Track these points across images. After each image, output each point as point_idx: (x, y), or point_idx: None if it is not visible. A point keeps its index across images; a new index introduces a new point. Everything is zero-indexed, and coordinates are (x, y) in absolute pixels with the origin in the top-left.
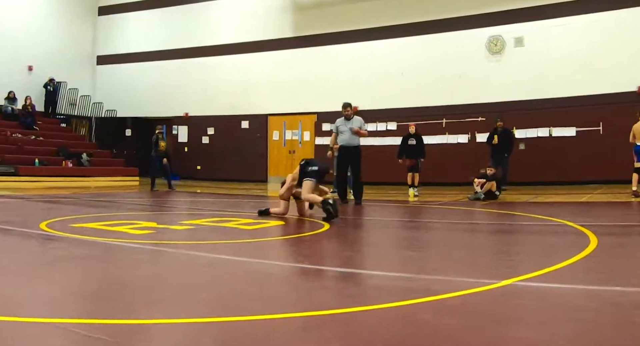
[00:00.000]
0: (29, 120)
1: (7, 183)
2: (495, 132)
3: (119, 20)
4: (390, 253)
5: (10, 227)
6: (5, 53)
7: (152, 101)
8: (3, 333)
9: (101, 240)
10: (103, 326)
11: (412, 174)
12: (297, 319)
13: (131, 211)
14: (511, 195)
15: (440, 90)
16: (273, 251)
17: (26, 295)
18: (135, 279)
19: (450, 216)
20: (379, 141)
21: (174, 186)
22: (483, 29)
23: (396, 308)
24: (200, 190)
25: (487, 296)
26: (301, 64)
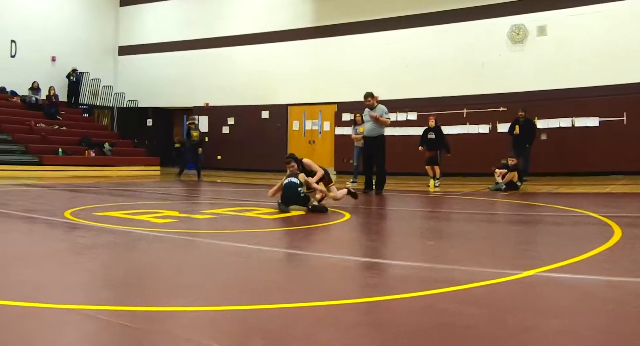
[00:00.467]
0: (53, 110)
1: (31, 173)
2: (517, 122)
3: (140, 10)
4: (411, 243)
5: (35, 215)
6: (30, 44)
7: (173, 91)
8: (30, 319)
9: (124, 228)
10: (127, 313)
11: (432, 166)
12: (320, 308)
13: (153, 200)
14: (533, 186)
15: (462, 79)
16: (294, 240)
17: (53, 282)
18: (158, 267)
19: (471, 206)
20: (400, 131)
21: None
22: (505, 17)
23: (419, 298)
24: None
25: (511, 287)
26: (321, 54)
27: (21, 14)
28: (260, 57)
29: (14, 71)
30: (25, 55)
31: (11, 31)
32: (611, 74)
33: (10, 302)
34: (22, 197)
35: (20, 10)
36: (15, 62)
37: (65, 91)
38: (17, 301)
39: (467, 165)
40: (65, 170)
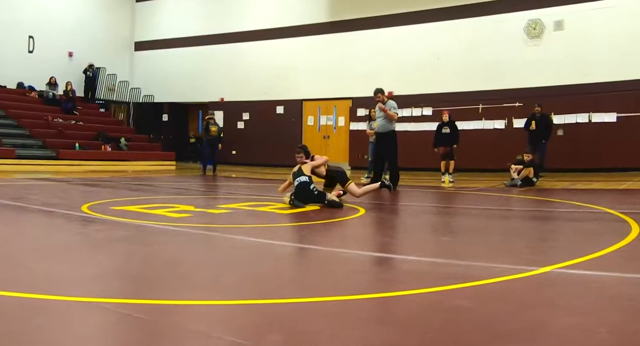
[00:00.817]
0: (70, 105)
1: (48, 167)
2: (533, 117)
3: (156, 6)
4: (425, 239)
5: (53, 209)
6: (47, 40)
7: (188, 86)
8: (48, 311)
9: (140, 222)
10: (142, 306)
11: (446, 162)
12: (334, 303)
13: (168, 194)
14: (549, 182)
15: (477, 75)
16: (309, 235)
17: (70, 274)
18: (174, 261)
19: (486, 202)
20: (414, 127)
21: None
22: (521, 12)
23: (433, 294)
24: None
25: (526, 283)
26: (336, 49)
27: (39, 10)
28: (276, 52)
29: (31, 67)
30: (42, 51)
31: (29, 27)
32: (629, 69)
33: (27, 295)
34: (40, 191)
35: (38, 6)
36: (33, 57)
37: (82, 86)
38: (34, 293)
39: (482, 161)
40: (81, 164)
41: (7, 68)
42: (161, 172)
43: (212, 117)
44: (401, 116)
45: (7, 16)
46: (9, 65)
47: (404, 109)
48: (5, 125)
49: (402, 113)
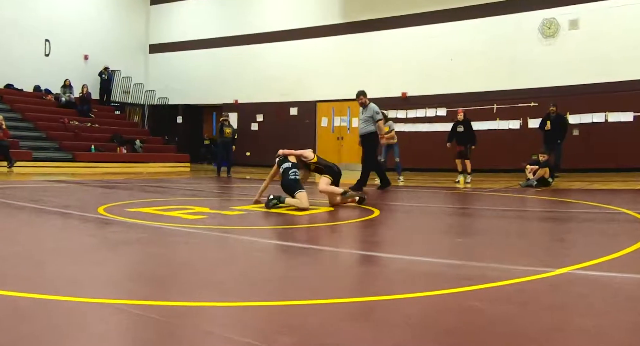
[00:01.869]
0: (85, 107)
1: (64, 169)
2: (548, 117)
3: (170, 9)
4: (441, 240)
5: (70, 211)
6: (63, 43)
7: (203, 88)
8: (66, 312)
9: (156, 224)
10: (157, 307)
11: (462, 161)
12: (349, 304)
13: (183, 196)
14: (564, 182)
15: (492, 75)
16: (324, 237)
17: (87, 276)
18: (189, 262)
19: (502, 203)
20: (428, 127)
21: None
22: (536, 11)
23: (449, 295)
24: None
25: (543, 285)
26: (350, 50)
27: (55, 13)
28: (289, 54)
29: (48, 70)
30: (58, 54)
31: (45, 31)
32: None
33: (45, 296)
34: (57, 193)
35: (54, 10)
36: (49, 61)
37: (98, 89)
38: (52, 294)
39: (497, 161)
40: (97, 166)
41: (24, 71)
42: (176, 173)
43: (226, 119)
44: (415, 117)
45: (24, 20)
46: (25, 69)
47: (418, 110)
48: (22, 128)
49: (417, 114)
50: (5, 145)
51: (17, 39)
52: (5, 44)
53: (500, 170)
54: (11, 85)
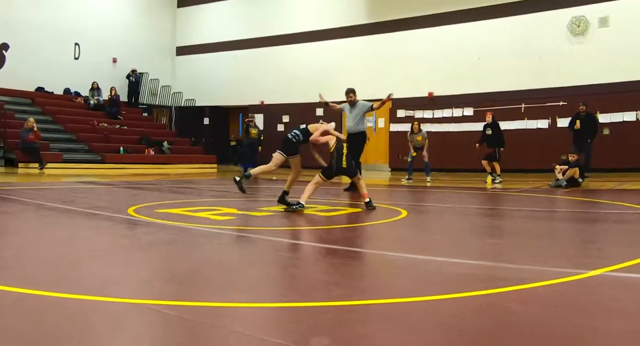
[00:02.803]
0: (114, 110)
1: (94, 171)
2: (578, 116)
3: (197, 11)
4: (471, 241)
5: (101, 211)
6: (92, 46)
7: (229, 90)
8: (99, 312)
9: (185, 225)
10: (190, 307)
11: (489, 162)
12: (380, 306)
13: (211, 197)
14: (595, 182)
15: (519, 74)
16: (352, 238)
17: (120, 276)
18: (218, 263)
19: (532, 204)
20: (455, 127)
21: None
22: (565, 9)
23: (482, 297)
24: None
25: (577, 287)
26: (376, 50)
27: (84, 18)
28: (315, 55)
29: (77, 73)
30: (88, 58)
31: (75, 34)
32: None
33: (79, 296)
34: (87, 194)
35: (84, 14)
36: (79, 64)
37: (126, 91)
38: (85, 294)
39: (526, 161)
40: (126, 167)
41: (54, 75)
42: (203, 174)
43: (252, 120)
44: (442, 117)
45: (54, 24)
46: (56, 72)
47: (445, 110)
48: (52, 130)
49: (443, 114)
50: (37, 147)
51: (47, 43)
52: (36, 48)
53: (528, 170)
54: (42, 88)
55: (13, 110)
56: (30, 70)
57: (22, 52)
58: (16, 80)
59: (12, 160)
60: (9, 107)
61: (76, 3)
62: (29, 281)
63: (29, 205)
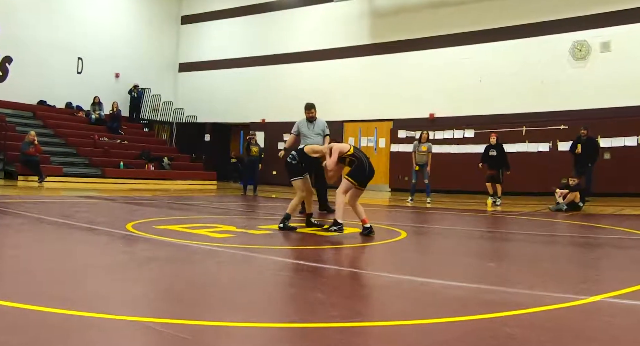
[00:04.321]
0: (115, 124)
1: (93, 185)
2: (579, 140)
3: (200, 29)
4: (471, 264)
5: (99, 227)
6: (95, 61)
7: (231, 107)
8: (95, 330)
9: (184, 242)
10: (187, 326)
11: (492, 184)
12: (379, 328)
13: (210, 214)
14: (595, 207)
15: (521, 97)
16: (351, 258)
17: (116, 293)
18: (216, 281)
19: (531, 227)
20: (456, 149)
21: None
22: (567, 33)
23: (481, 321)
24: (276, 195)
25: (577, 312)
26: (377, 71)
27: (88, 33)
28: (317, 74)
29: (79, 87)
30: (90, 72)
31: (78, 49)
32: None
33: (75, 312)
34: (86, 209)
35: (88, 29)
36: (81, 78)
37: (127, 106)
38: (81, 311)
39: (526, 184)
40: (125, 182)
41: (56, 88)
42: (202, 191)
43: (253, 138)
44: (443, 138)
45: (58, 39)
46: (58, 86)
47: (446, 131)
48: (53, 143)
49: (444, 136)
50: (37, 160)
51: (50, 57)
52: (39, 61)
53: (529, 193)
54: (44, 101)
55: (14, 123)
56: (32, 83)
57: (25, 65)
58: (18, 93)
59: (12, 172)
60: (10, 119)
61: (80, 18)
62: (24, 296)
63: (28, 218)
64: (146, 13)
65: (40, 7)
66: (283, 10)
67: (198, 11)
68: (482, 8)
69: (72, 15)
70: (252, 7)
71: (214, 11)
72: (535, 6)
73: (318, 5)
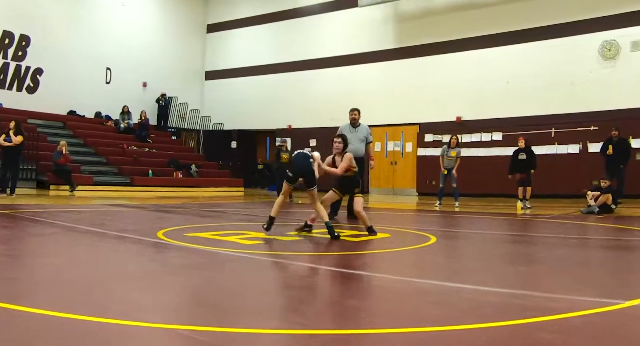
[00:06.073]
0: (144, 133)
1: (123, 193)
2: (610, 141)
3: (226, 37)
4: (501, 269)
5: (130, 235)
6: (123, 71)
7: (257, 114)
8: (127, 337)
9: (214, 249)
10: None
11: (523, 188)
12: (412, 334)
13: (239, 221)
14: (628, 209)
15: (549, 98)
16: (380, 263)
17: (150, 301)
18: (249, 289)
19: (562, 230)
20: (484, 152)
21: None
22: (596, 33)
23: (514, 326)
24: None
25: (613, 317)
26: (403, 75)
27: (116, 43)
28: (342, 79)
29: (108, 97)
30: (119, 82)
31: (107, 59)
32: None
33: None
34: (117, 217)
35: (116, 40)
36: (110, 88)
37: (155, 115)
38: (114, 319)
39: (556, 187)
40: (154, 190)
41: (85, 98)
42: (230, 198)
43: (284, 144)
44: (470, 141)
45: (87, 50)
46: (88, 96)
47: (473, 134)
48: (83, 153)
49: (472, 139)
50: (68, 170)
51: (80, 67)
52: (69, 72)
53: (559, 195)
54: (74, 111)
55: (45, 133)
56: (62, 94)
57: (56, 76)
58: (49, 104)
59: (44, 182)
60: (41, 130)
61: (108, 29)
62: (59, 305)
63: (60, 227)
64: (172, 23)
65: (70, 18)
66: (308, 16)
67: (223, 19)
68: (509, 9)
69: (101, 27)
70: (277, 14)
71: (239, 19)
72: (563, 6)
73: (343, 11)
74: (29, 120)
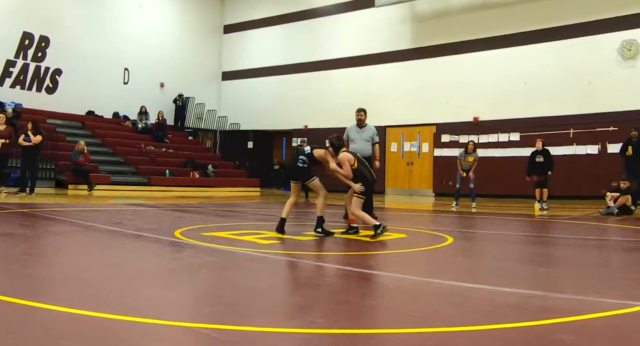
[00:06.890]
0: (161, 133)
1: (140, 193)
2: (630, 142)
3: (242, 38)
4: (520, 270)
5: (148, 234)
6: (141, 72)
7: (273, 114)
8: (151, 335)
9: (231, 248)
10: (237, 331)
11: (541, 190)
12: (429, 334)
13: (256, 221)
14: None
15: (567, 98)
16: (398, 264)
17: (167, 299)
18: (265, 287)
19: (582, 231)
20: (501, 153)
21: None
22: (615, 33)
23: (533, 328)
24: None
25: (634, 319)
26: (420, 75)
27: (134, 44)
28: (359, 80)
29: (126, 97)
30: (136, 82)
31: (125, 60)
32: None
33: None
34: (134, 216)
35: (133, 41)
36: (128, 88)
37: (172, 115)
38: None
39: (574, 188)
40: (171, 190)
41: (104, 99)
42: (246, 198)
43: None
44: (488, 142)
45: (106, 50)
46: (106, 96)
47: (490, 135)
48: (101, 153)
49: (489, 139)
50: (86, 169)
51: (98, 68)
52: (87, 73)
53: (577, 196)
54: (92, 112)
55: (64, 133)
56: (81, 94)
57: (75, 77)
58: (68, 104)
59: (63, 181)
60: (60, 130)
61: (126, 30)
62: (77, 302)
63: (79, 226)
64: (190, 23)
65: (88, 20)
66: (324, 16)
67: (240, 20)
68: (527, 9)
69: (119, 28)
70: (294, 15)
71: (256, 19)
72: (581, 5)
73: (359, 11)
74: (48, 120)
